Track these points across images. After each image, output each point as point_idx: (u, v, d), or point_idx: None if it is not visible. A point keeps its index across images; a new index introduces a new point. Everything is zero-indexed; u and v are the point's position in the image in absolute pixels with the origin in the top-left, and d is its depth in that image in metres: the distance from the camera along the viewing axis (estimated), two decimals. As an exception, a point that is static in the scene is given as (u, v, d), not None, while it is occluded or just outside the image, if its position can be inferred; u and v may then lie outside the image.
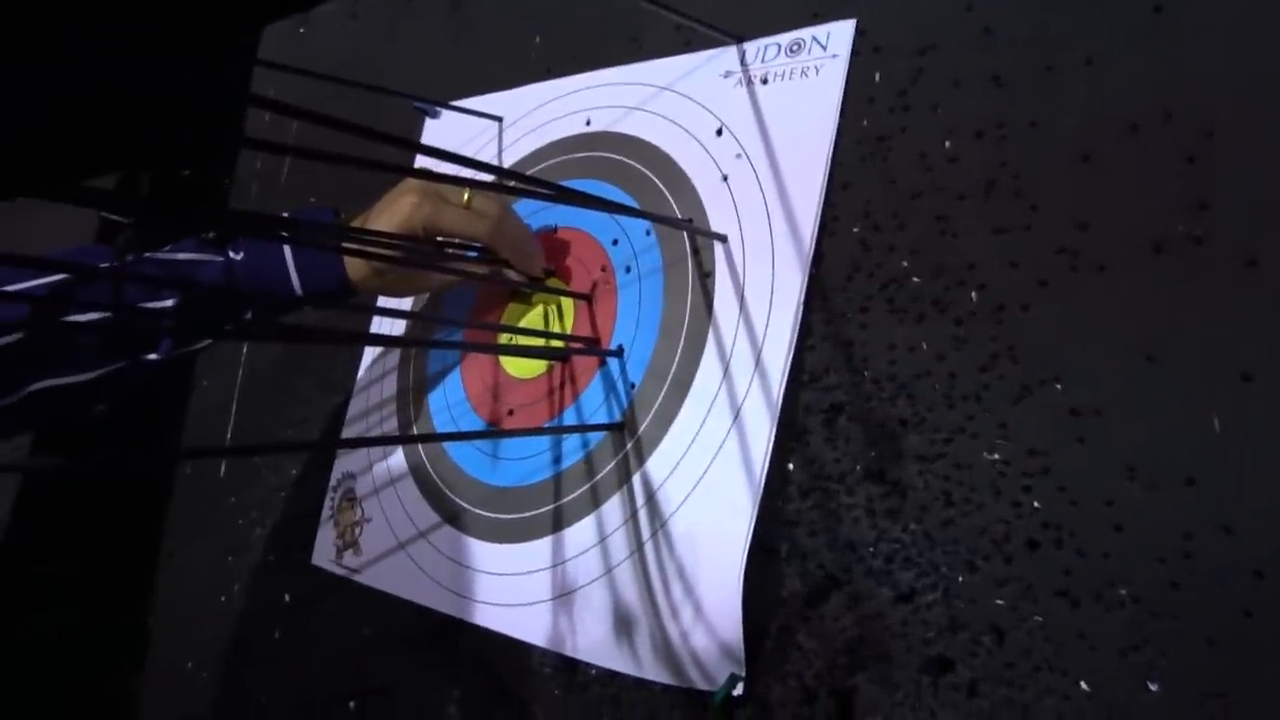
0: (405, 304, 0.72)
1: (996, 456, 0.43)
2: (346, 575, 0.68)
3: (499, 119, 0.73)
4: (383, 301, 0.74)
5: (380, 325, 0.73)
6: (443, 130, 0.78)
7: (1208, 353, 0.39)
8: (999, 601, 0.41)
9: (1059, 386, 0.42)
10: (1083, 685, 0.39)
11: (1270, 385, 0.37)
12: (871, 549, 0.45)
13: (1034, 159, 0.45)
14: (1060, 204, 0.44)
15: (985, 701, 0.41)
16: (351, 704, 0.66)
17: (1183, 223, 0.40)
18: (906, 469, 0.45)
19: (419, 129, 0.80)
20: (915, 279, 0.47)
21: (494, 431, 0.58)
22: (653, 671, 0.49)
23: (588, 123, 0.65)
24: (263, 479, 0.81)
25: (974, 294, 0.45)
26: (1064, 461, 0.41)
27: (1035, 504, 0.41)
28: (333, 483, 0.73)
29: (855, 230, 0.50)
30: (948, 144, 0.48)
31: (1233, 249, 0.39)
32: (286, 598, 0.75)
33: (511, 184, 0.45)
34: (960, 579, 0.42)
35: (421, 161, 0.76)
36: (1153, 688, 0.37)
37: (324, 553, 0.71)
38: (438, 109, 0.79)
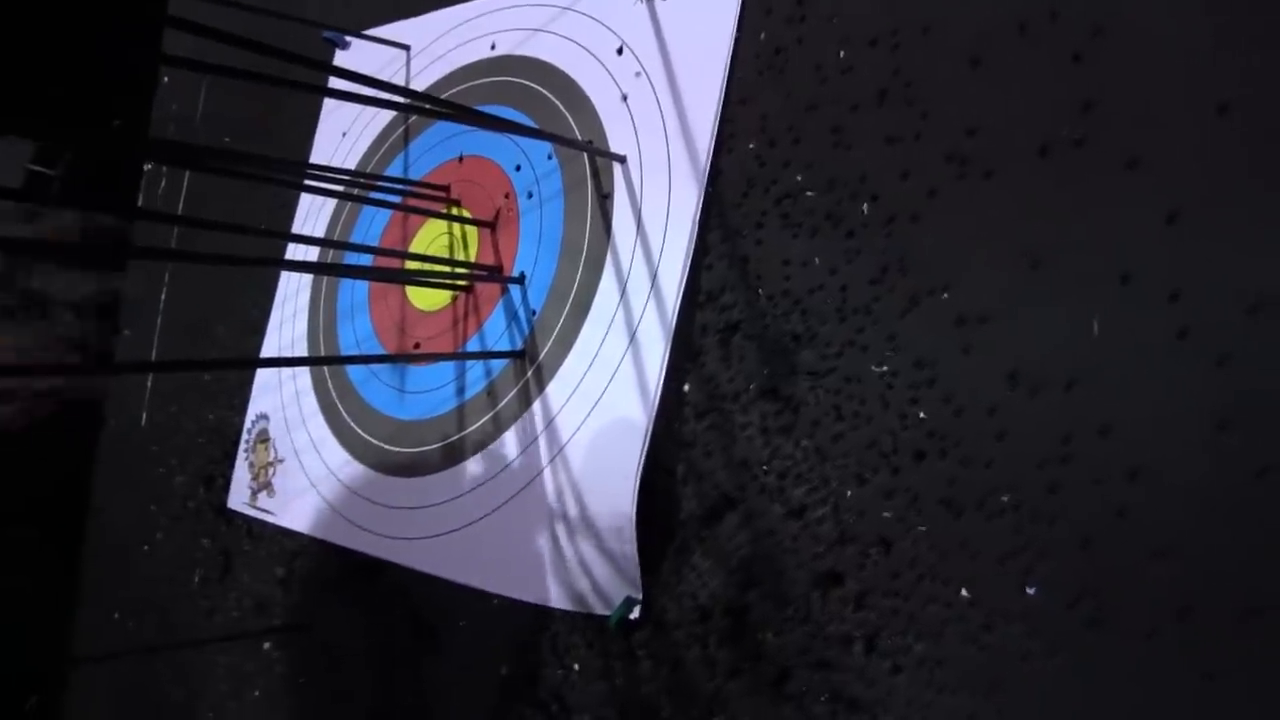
0: (318, 231, 0.70)
1: (885, 369, 0.42)
2: (260, 517, 0.67)
3: (406, 47, 0.70)
4: (295, 228, 0.72)
5: (293, 253, 0.71)
6: (353, 60, 0.75)
7: (1088, 256, 0.38)
8: (886, 514, 0.41)
9: (946, 296, 0.41)
10: (964, 592, 0.39)
11: (1148, 286, 0.37)
12: (765, 467, 0.45)
13: (926, 65, 0.44)
14: (950, 110, 0.43)
15: (872, 613, 0.41)
16: (266, 645, 0.65)
17: (1067, 125, 0.40)
18: (799, 385, 0.44)
19: (329, 60, 0.77)
20: (809, 192, 0.46)
21: (388, 356, 0.57)
22: (551, 598, 0.48)
23: (492, 47, 0.63)
24: (182, 427, 0.80)
25: (865, 206, 0.44)
26: (949, 371, 0.40)
27: (921, 415, 0.41)
28: (247, 424, 0.72)
29: (751, 146, 0.49)
30: (842, 53, 0.47)
31: (1114, 150, 0.38)
32: (205, 543, 0.74)
33: (419, 107, 0.44)
34: (849, 493, 0.42)
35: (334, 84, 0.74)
36: (1030, 591, 0.37)
37: (239, 496, 0.70)
38: (347, 38, 0.76)
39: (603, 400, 0.49)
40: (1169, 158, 0.37)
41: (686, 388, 0.48)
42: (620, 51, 0.55)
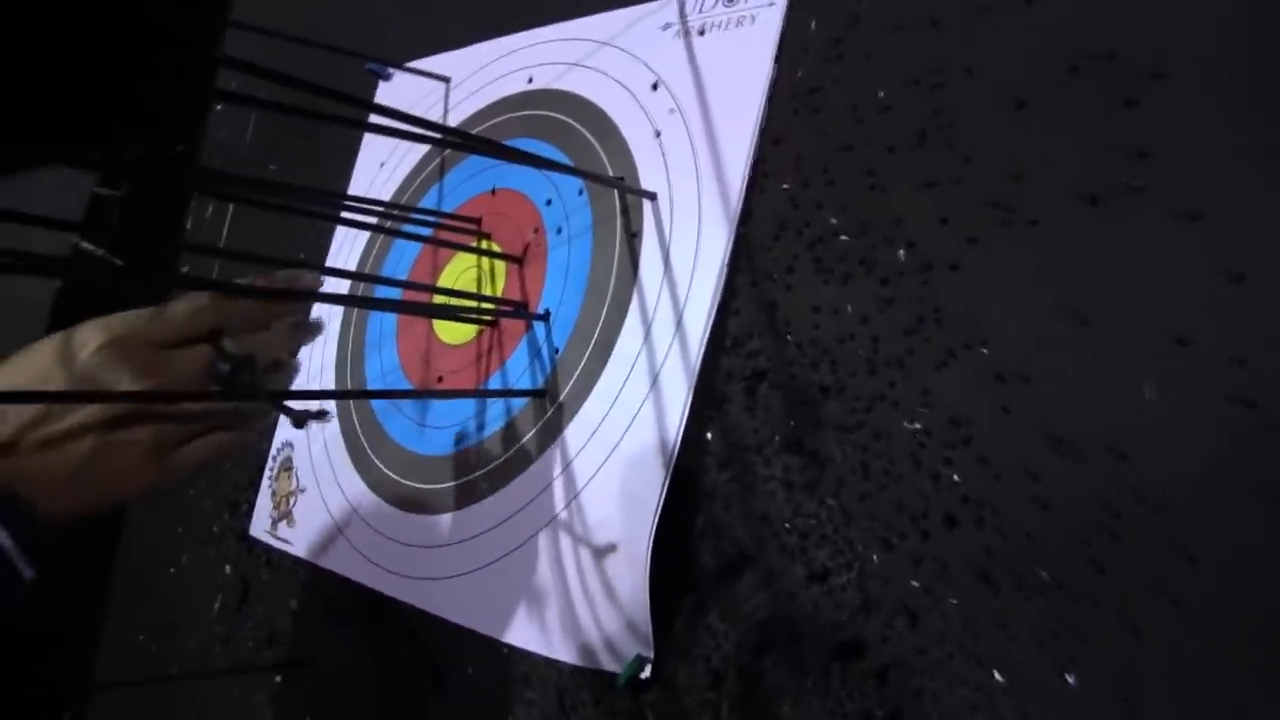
0: (352, 259, 0.70)
1: (917, 426, 0.39)
2: (279, 547, 0.66)
3: (447, 79, 0.70)
4: (331, 256, 0.71)
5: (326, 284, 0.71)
6: (394, 91, 0.75)
7: (1142, 315, 0.35)
8: (914, 583, 0.38)
9: (985, 350, 0.38)
10: (996, 675, 0.35)
11: (1209, 350, 0.34)
12: (787, 524, 0.42)
13: (968, 107, 0.42)
14: (993, 154, 0.40)
15: (894, 690, 0.38)
16: (278, 678, 0.64)
17: (1121, 172, 0.37)
18: (825, 439, 0.42)
19: (373, 91, 0.77)
20: (843, 237, 0.44)
21: (406, 392, 0.55)
22: (560, 650, 0.46)
23: (529, 80, 0.62)
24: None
25: (901, 252, 0.42)
26: (987, 432, 0.38)
27: (955, 477, 0.38)
28: (273, 451, 0.71)
29: (785, 187, 0.47)
30: (881, 94, 0.45)
31: (1173, 201, 0.36)
32: (227, 569, 0.73)
33: (452, 141, 0.43)
34: (875, 558, 0.39)
35: (373, 118, 0.74)
36: (1070, 679, 0.34)
37: (261, 524, 0.69)
38: (389, 70, 0.76)
39: (621, 445, 0.47)
40: (1234, 212, 0.34)
41: (709, 436, 0.45)
42: (655, 87, 0.54)
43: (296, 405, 0.47)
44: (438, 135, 0.46)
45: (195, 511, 0.80)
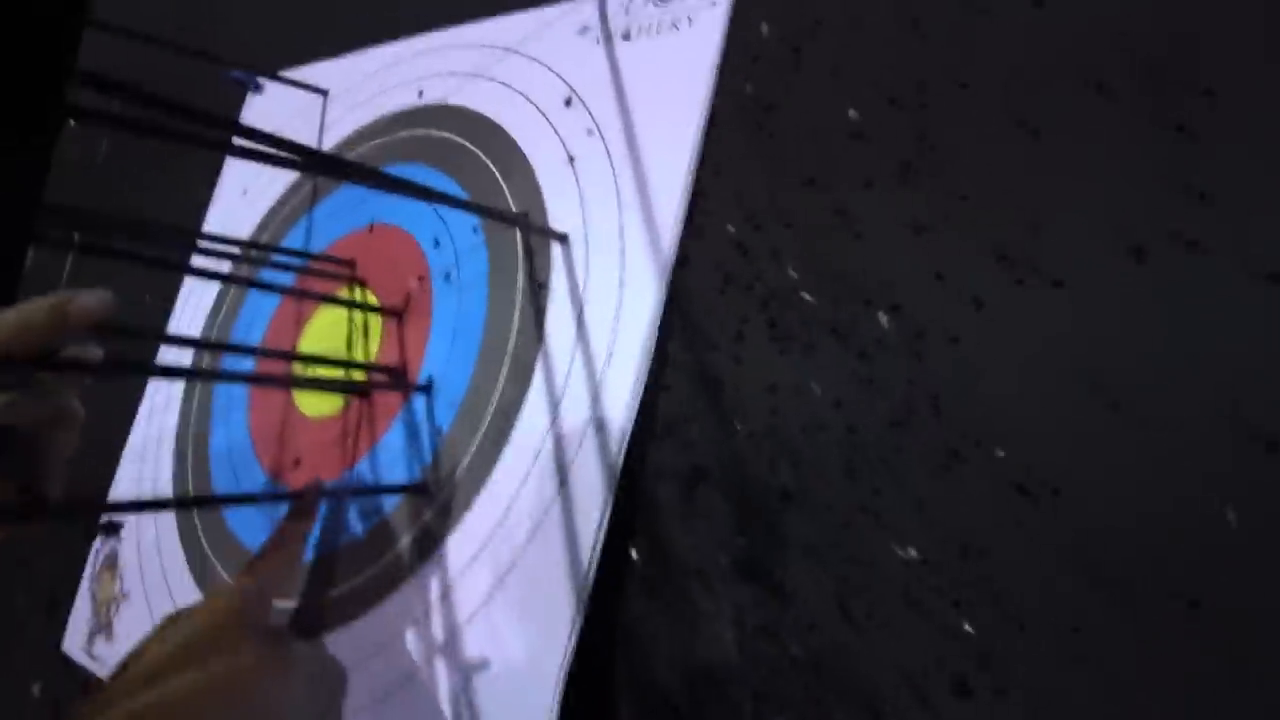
0: (199, 312, 0.58)
1: (913, 554, 0.29)
2: (93, 669, 0.53)
3: (324, 92, 0.59)
4: (177, 308, 0.59)
5: (166, 353, 0.58)
6: (266, 105, 0.63)
7: (1207, 404, 0.26)
8: (912, 771, 0.28)
9: (1001, 453, 0.29)
10: None
11: (1311, 461, 0.25)
12: (739, 684, 0.32)
13: (964, 132, 0.33)
14: (1002, 193, 0.31)
15: None
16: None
17: (1172, 219, 0.28)
18: (789, 563, 0.32)
19: (241, 104, 0.66)
20: (806, 295, 0.34)
21: (243, 497, 0.43)
22: (435, 843, 0.35)
23: (419, 94, 0.52)
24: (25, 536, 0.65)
25: (883, 316, 0.32)
26: (1009, 565, 0.28)
27: (968, 627, 0.28)
28: (96, 544, 0.57)
29: (730, 229, 0.37)
30: (852, 113, 0.35)
31: (1241, 255, 0.27)
32: (35, 690, 0.59)
33: (321, 167, 0.32)
34: (859, 733, 0.29)
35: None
36: None
37: (75, 637, 0.55)
38: (259, 81, 0.64)
39: (519, 565, 0.36)
40: (1340, 274, 0.25)
41: (634, 554, 0.35)
42: (569, 103, 0.43)
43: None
44: (299, 159, 0.34)
45: (7, 617, 0.65)
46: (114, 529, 0.39)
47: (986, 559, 0.28)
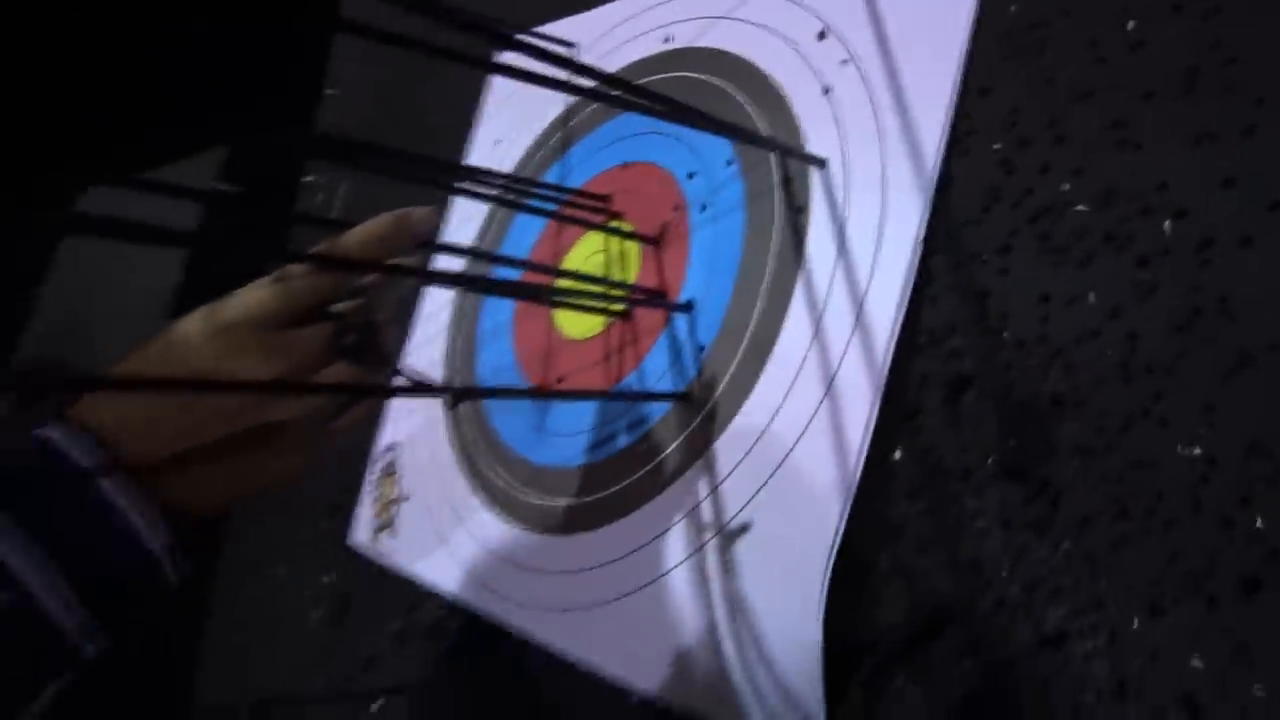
0: (465, 241, 0.64)
1: (1197, 452, 0.30)
2: (379, 560, 0.60)
3: (572, 45, 0.63)
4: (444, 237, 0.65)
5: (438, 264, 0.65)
6: (516, 61, 0.69)
7: None
8: (1195, 664, 0.28)
9: (1298, 354, 0.29)
10: (1328, 800, 0.26)
11: None
12: (1006, 573, 0.33)
13: (1258, 34, 0.32)
14: (1306, 93, 0.30)
15: (1168, 805, 0.28)
16: (374, 706, 0.57)
17: None
18: (1061, 466, 0.33)
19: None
20: (1079, 207, 0.35)
21: (521, 391, 0.47)
22: (703, 708, 0.38)
23: (667, 40, 0.55)
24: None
25: (1167, 224, 0.32)
26: (1304, 463, 0.28)
27: (1258, 523, 0.28)
28: (376, 451, 0.65)
29: (996, 147, 0.37)
30: (1130, 25, 0.35)
31: None
32: (325, 579, 0.68)
33: (600, 92, 0.36)
34: (1135, 624, 0.30)
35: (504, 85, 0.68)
36: None
37: (361, 532, 0.63)
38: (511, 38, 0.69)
39: (785, 466, 0.38)
40: None
41: (897, 456, 0.37)
42: (822, 36, 0.45)
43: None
44: (586, 83, 0.38)
45: (296, 514, 0.75)
46: (457, 401, 0.44)
47: (1275, 458, 0.28)
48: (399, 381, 0.42)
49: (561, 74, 0.35)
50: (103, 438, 0.36)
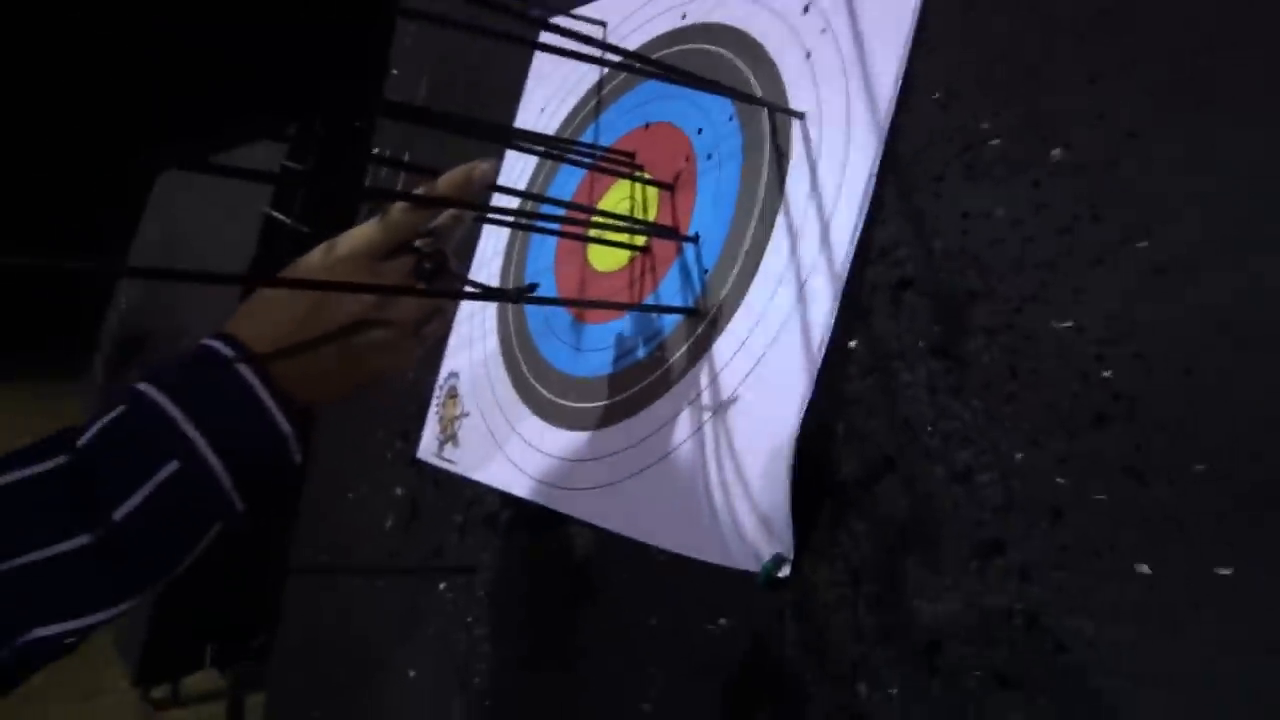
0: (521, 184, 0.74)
1: (1069, 324, 0.39)
2: (445, 467, 0.71)
3: (603, 24, 0.73)
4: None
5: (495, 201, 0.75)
6: (555, 39, 0.79)
7: (1319, 198, 0.33)
8: (1059, 480, 0.38)
9: (1145, 244, 0.37)
10: (1143, 568, 0.35)
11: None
12: (930, 428, 0.42)
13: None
14: (1166, 32, 0.39)
15: (1035, 587, 0.37)
16: (443, 584, 0.69)
17: (1301, 53, 0.35)
18: (971, 343, 0.42)
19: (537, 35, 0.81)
20: (994, 140, 0.43)
21: (568, 300, 0.58)
22: (703, 551, 0.48)
23: (683, 16, 0.64)
24: (388, 379, 0.86)
25: (1056, 151, 0.41)
26: (1144, 325, 0.37)
27: (1106, 374, 0.37)
28: (440, 379, 0.76)
29: (935, 96, 0.46)
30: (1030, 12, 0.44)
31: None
32: (397, 491, 0.79)
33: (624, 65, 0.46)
34: (1019, 457, 0.39)
35: (547, 59, 0.78)
36: (1223, 572, 0.33)
37: (428, 447, 0.75)
38: (547, 19, 0.79)
39: (767, 356, 0.48)
40: None
41: (853, 344, 0.46)
42: (806, 10, 0.54)
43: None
44: (613, 58, 0.48)
45: (369, 441, 0.87)
46: (518, 299, 0.55)
47: (1126, 323, 0.37)
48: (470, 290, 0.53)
49: (594, 51, 0.45)
50: (246, 345, 0.47)
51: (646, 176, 0.61)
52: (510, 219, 0.63)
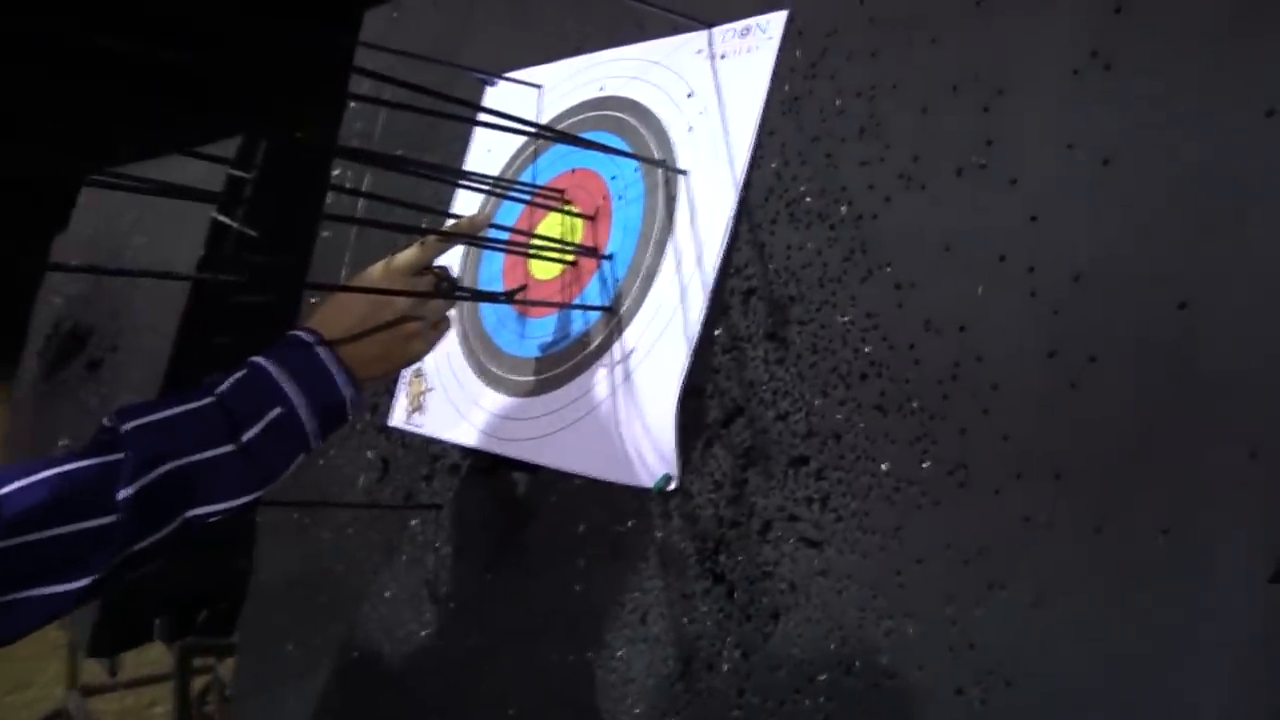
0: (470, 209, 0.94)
1: (847, 319, 0.61)
2: (413, 430, 0.91)
3: (539, 86, 0.93)
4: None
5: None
6: (499, 96, 0.99)
7: (983, 248, 0.57)
8: (839, 416, 0.60)
9: (889, 269, 0.60)
10: (883, 467, 0.57)
11: (1017, 268, 0.55)
12: (765, 386, 0.65)
13: (893, 111, 0.63)
14: (904, 139, 0.62)
15: (825, 482, 0.60)
16: (413, 522, 0.88)
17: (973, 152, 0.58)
18: (790, 331, 0.64)
19: (481, 95, 1.01)
20: (808, 199, 0.66)
21: (516, 299, 0.80)
22: (612, 474, 0.69)
23: (601, 88, 0.85)
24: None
25: (843, 208, 0.64)
26: (888, 321, 0.59)
27: (867, 349, 0.60)
28: (406, 365, 0.95)
29: (773, 165, 0.69)
30: (838, 101, 0.66)
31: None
32: (369, 454, 0.98)
33: (543, 134, 0.66)
34: (816, 402, 0.62)
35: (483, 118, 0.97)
36: (925, 465, 0.56)
37: (398, 416, 0.94)
38: (495, 79, 1.00)
39: (659, 341, 0.70)
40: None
41: (717, 332, 0.68)
42: (690, 95, 0.76)
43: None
44: (532, 130, 0.69)
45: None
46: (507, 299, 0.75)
47: (878, 319, 0.60)
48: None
49: (519, 124, 0.65)
50: (321, 335, 0.66)
51: (574, 210, 0.82)
52: (469, 238, 0.83)
